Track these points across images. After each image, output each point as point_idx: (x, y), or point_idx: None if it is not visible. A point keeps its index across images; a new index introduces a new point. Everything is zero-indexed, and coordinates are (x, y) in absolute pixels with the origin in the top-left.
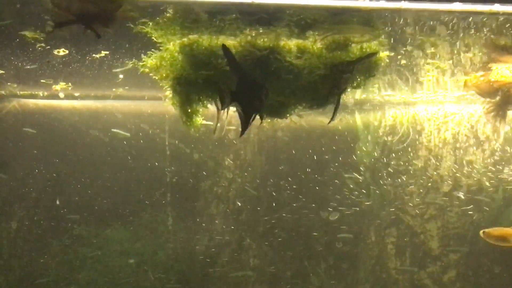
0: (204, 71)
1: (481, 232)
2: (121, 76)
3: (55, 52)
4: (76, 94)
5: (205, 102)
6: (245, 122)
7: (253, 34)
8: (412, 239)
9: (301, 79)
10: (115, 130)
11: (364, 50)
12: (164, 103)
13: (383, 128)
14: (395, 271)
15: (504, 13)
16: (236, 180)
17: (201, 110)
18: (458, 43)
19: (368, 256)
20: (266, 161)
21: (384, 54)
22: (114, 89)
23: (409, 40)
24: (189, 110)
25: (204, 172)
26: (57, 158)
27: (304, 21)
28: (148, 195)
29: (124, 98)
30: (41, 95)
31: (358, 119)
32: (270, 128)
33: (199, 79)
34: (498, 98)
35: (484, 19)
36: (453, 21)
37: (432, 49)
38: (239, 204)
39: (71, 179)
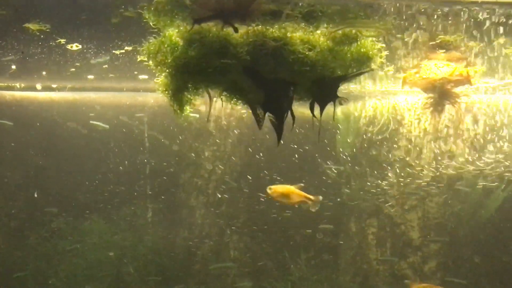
0: (218, 59)
1: (267, 188)
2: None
3: (68, 47)
4: (54, 86)
5: (201, 90)
6: (279, 127)
7: (262, 25)
8: (392, 229)
9: (315, 72)
10: (93, 122)
11: (359, 47)
12: (143, 95)
13: (363, 119)
14: (375, 262)
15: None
16: (216, 171)
17: (192, 99)
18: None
19: (348, 247)
20: (246, 152)
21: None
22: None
23: None
24: (183, 99)
25: (183, 164)
26: (34, 151)
27: (316, 13)
28: (127, 187)
29: (102, 90)
30: (18, 86)
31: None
32: (250, 118)
33: (210, 68)
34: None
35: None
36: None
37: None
38: (219, 196)
39: (49, 172)
